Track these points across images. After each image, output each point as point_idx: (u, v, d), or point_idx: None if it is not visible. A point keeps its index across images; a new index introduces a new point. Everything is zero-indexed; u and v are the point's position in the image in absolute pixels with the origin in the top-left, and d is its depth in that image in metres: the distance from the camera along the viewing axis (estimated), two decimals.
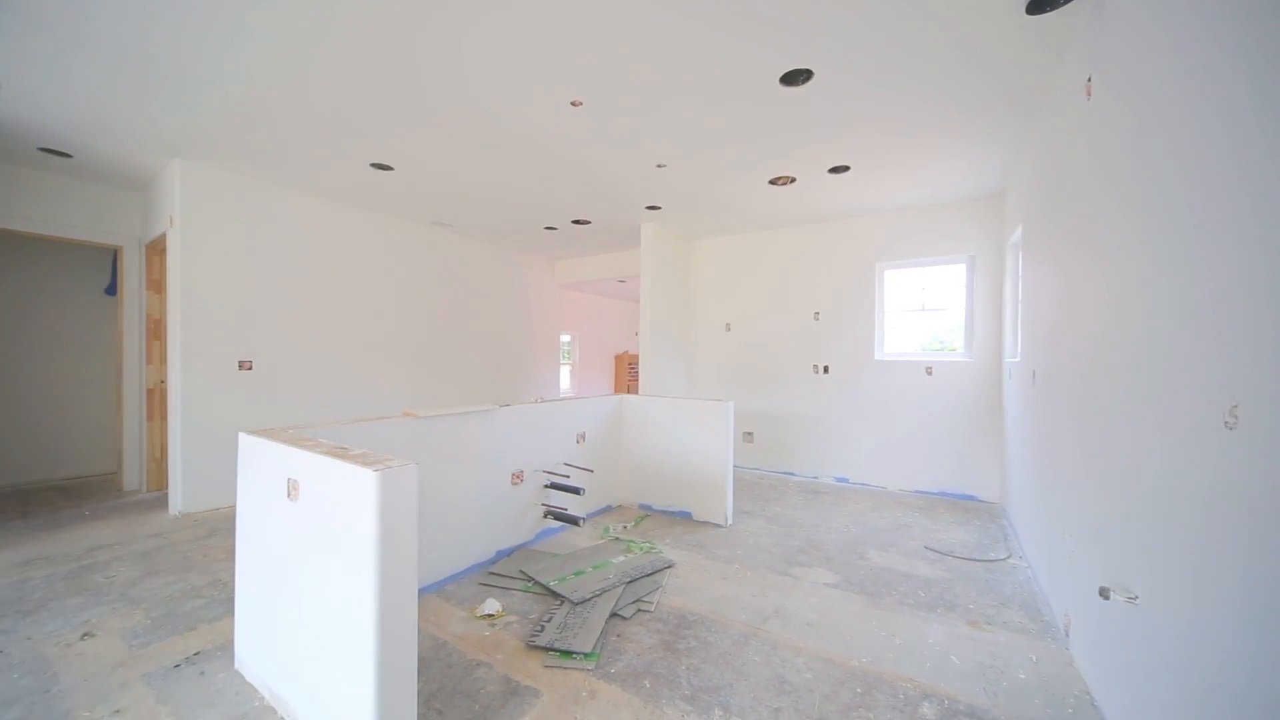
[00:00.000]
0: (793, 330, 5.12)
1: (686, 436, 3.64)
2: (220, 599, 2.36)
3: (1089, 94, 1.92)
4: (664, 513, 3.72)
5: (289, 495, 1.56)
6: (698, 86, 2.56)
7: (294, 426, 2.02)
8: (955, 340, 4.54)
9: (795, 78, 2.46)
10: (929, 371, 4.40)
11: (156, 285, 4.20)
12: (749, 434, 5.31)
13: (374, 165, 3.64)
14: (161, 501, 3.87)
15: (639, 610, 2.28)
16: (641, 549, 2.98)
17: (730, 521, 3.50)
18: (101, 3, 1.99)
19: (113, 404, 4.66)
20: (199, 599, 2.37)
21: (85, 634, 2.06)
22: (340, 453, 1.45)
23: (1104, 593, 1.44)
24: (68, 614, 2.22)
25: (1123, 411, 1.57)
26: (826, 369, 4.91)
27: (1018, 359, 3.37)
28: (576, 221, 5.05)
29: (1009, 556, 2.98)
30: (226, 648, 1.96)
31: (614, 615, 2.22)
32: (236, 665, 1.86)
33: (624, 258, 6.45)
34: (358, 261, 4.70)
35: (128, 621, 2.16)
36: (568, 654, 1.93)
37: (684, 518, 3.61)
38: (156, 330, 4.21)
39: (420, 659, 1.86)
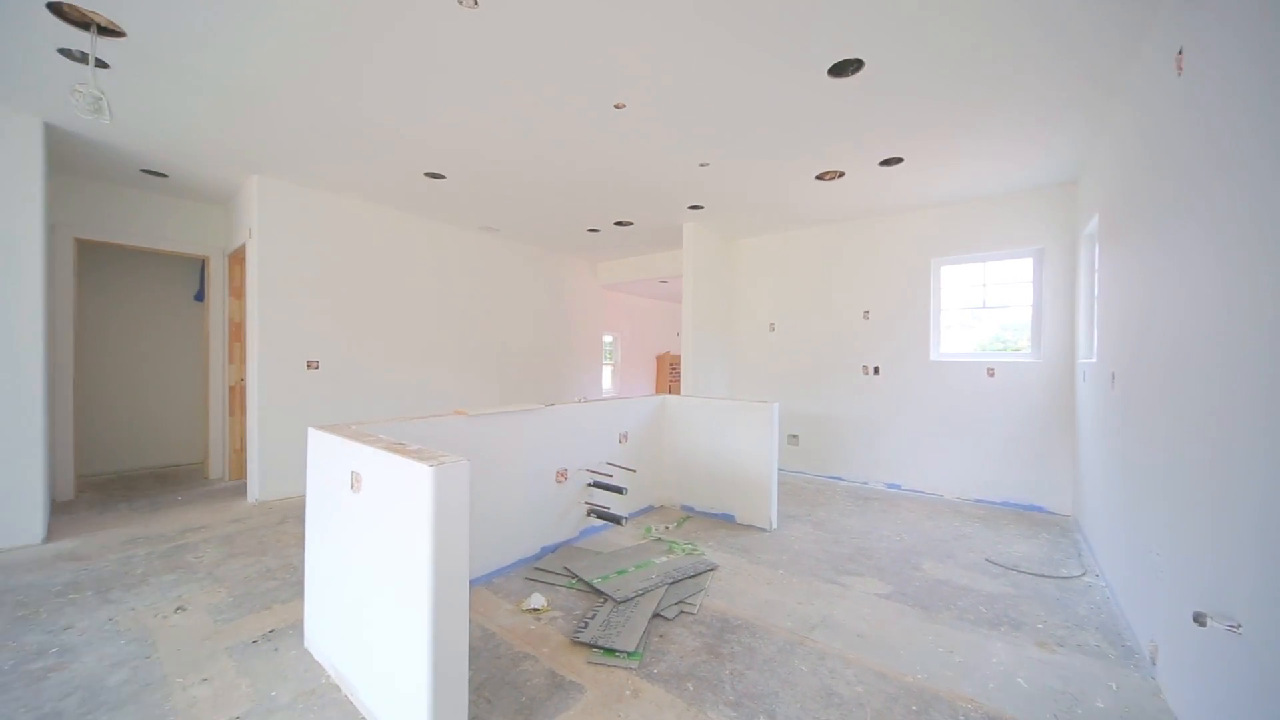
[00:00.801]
0: (840, 330, 4.94)
1: (730, 438, 3.59)
2: (291, 581, 2.54)
3: (1179, 68, 1.75)
4: (706, 515, 3.69)
5: (352, 487, 1.66)
6: (742, 83, 2.52)
7: (356, 423, 2.15)
8: (1020, 339, 4.24)
9: (844, 68, 2.38)
10: (990, 373, 4.14)
11: (237, 291, 4.58)
12: (794, 437, 5.18)
13: (428, 174, 3.82)
14: (241, 489, 4.22)
15: (681, 612, 2.28)
16: (684, 550, 2.97)
17: (775, 526, 3.43)
18: (199, 40, 2.20)
19: (200, 400, 5.13)
20: (273, 580, 2.56)
21: (178, 608, 2.28)
22: (398, 448, 1.53)
23: (1199, 619, 1.31)
24: (164, 589, 2.46)
25: (1218, 417, 1.42)
26: (877, 370, 4.71)
27: (1093, 359, 3.11)
28: (619, 223, 5.10)
29: (1083, 574, 2.75)
30: (297, 627, 2.11)
31: (656, 615, 2.22)
32: (305, 644, 2.00)
33: (666, 258, 6.45)
34: (412, 266, 4.94)
35: (213, 598, 2.37)
36: (611, 652, 1.95)
37: (727, 520, 3.57)
38: (237, 333, 4.59)
39: (470, 648, 1.93)
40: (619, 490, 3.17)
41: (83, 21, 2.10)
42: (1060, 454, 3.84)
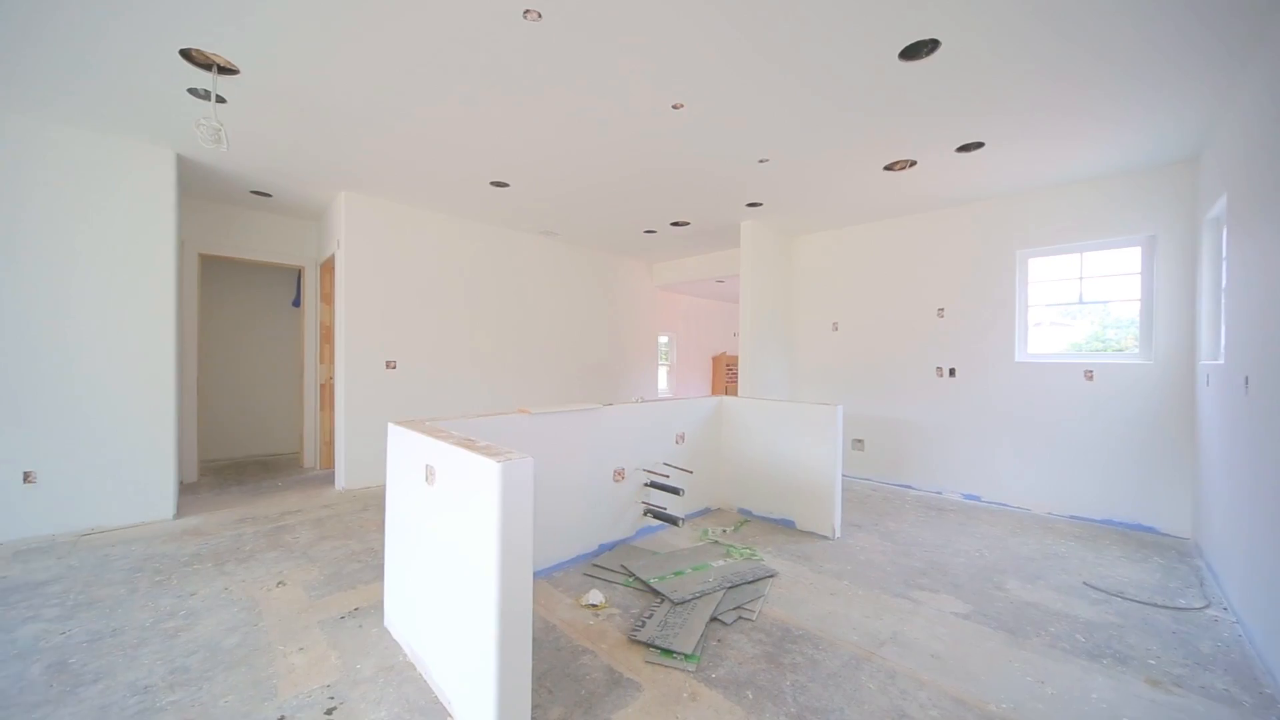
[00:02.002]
0: (911, 329, 4.65)
1: (790, 441, 3.48)
2: (372, 564, 2.75)
3: None
4: (765, 519, 3.59)
5: (427, 479, 1.78)
6: (804, 75, 2.44)
7: (429, 419, 2.30)
8: (1125, 338, 3.79)
9: (918, 50, 2.24)
10: (1089, 375, 3.73)
11: (327, 298, 5.04)
12: (859, 441, 4.93)
13: (493, 183, 4.01)
14: (330, 478, 4.63)
15: (740, 618, 2.23)
16: (742, 554, 2.92)
17: (838, 534, 3.28)
18: (299, 72, 2.44)
19: (296, 396, 5.69)
20: (357, 563, 2.79)
21: (279, 582, 2.54)
22: (468, 444, 1.61)
23: None
24: (267, 564, 2.74)
25: None
26: (952, 372, 4.38)
27: (1220, 361, 2.72)
28: (675, 223, 5.09)
29: (1207, 606, 2.41)
30: (378, 607, 2.29)
31: (714, 619, 2.20)
32: (385, 623, 2.15)
33: (722, 257, 6.37)
34: (476, 271, 5.20)
35: (308, 576, 2.62)
36: (669, 653, 1.95)
37: (786, 526, 3.46)
38: (327, 335, 5.04)
39: (532, 639, 2.00)
40: (676, 491, 3.17)
41: (206, 63, 2.39)
42: (1175, 467, 3.39)
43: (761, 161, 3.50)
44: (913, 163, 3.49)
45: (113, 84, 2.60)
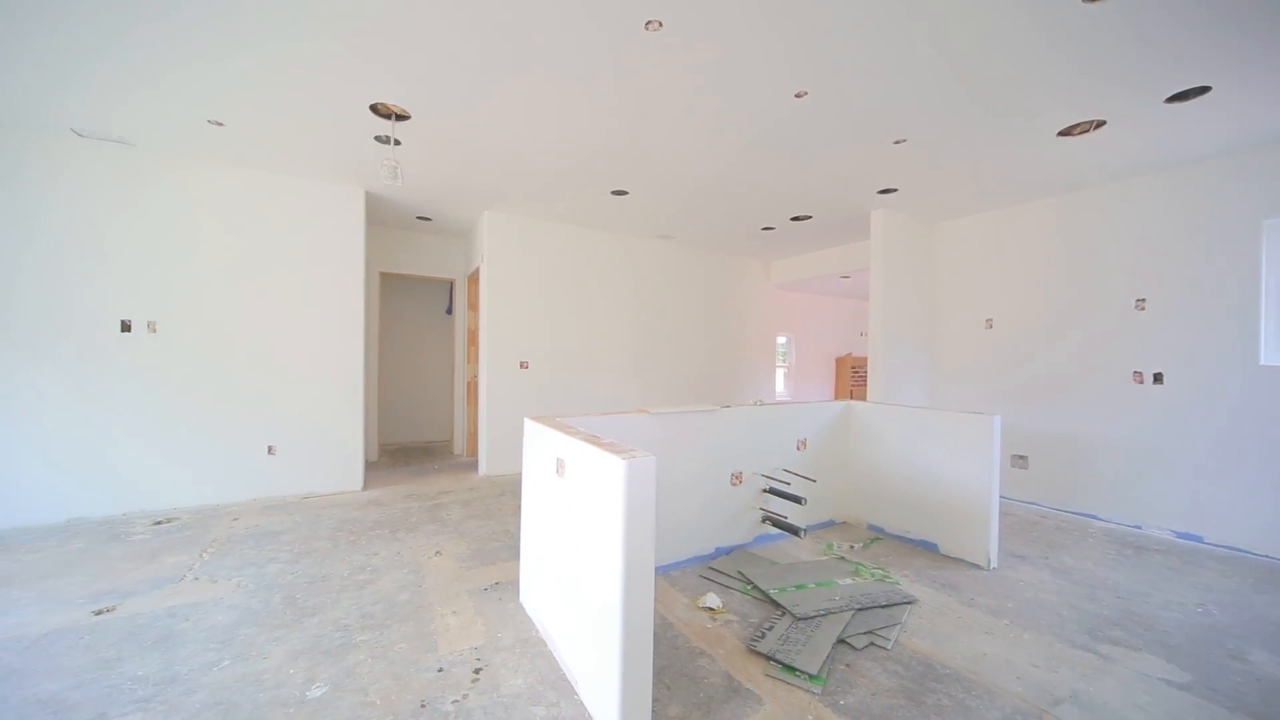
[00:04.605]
0: (1095, 325, 3.84)
1: (932, 454, 3.10)
2: (510, 545, 3.06)
3: None
4: (900, 539, 3.24)
5: (557, 472, 1.92)
6: (951, 37, 2.16)
7: (558, 415, 2.48)
8: None
9: None
10: None
11: (473, 306, 5.72)
12: (1021, 458, 4.21)
13: (614, 192, 4.21)
14: (474, 465, 5.25)
15: (871, 643, 2.05)
16: (873, 575, 2.67)
17: (994, 564, 2.84)
18: (457, 111, 2.82)
19: (448, 392, 6.56)
20: (496, 542, 3.12)
21: (437, 552, 2.94)
22: (595, 440, 1.71)
23: None
24: (428, 535, 3.20)
25: None
26: (1158, 378, 3.52)
27: None
28: (796, 218, 4.85)
29: None
30: (514, 584, 2.53)
31: (841, 641, 2.04)
32: (520, 599, 2.38)
33: (848, 251, 5.90)
34: (597, 277, 5.50)
35: (459, 549, 3.00)
36: (791, 669, 1.86)
37: (926, 549, 3.09)
38: (473, 339, 5.73)
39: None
40: (797, 500, 3.01)
41: (387, 113, 2.87)
42: None
43: (897, 143, 3.17)
44: (1100, 123, 2.88)
45: (326, 141, 3.26)
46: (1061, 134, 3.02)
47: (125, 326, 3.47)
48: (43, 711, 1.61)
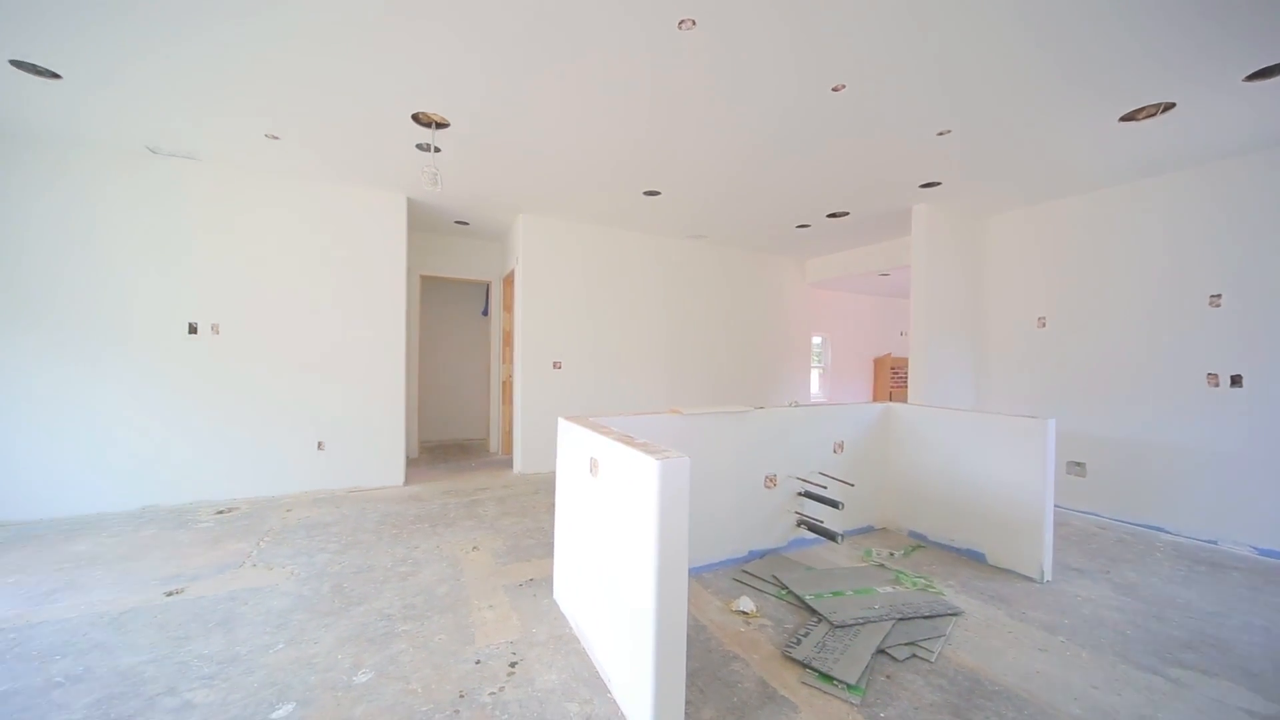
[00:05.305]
0: (1163, 324, 3.57)
1: (979, 459, 2.96)
2: (543, 542, 3.11)
3: None
4: (944, 547, 3.11)
5: (591, 471, 1.94)
6: (1007, 20, 2.06)
7: (591, 415, 2.51)
8: None
9: None
10: None
11: (508, 307, 5.85)
12: (1078, 465, 3.96)
13: (646, 193, 4.21)
14: (509, 462, 5.36)
15: (914, 655, 1.97)
16: (914, 584, 2.57)
17: (1048, 577, 2.68)
18: (494, 118, 2.90)
19: (484, 391, 6.72)
20: (531, 539, 3.17)
21: (474, 547, 3.02)
22: (628, 440, 1.72)
23: None
24: (465, 531, 3.29)
25: None
26: (1236, 380, 3.24)
27: None
28: (832, 215, 4.73)
29: None
30: (548, 580, 2.57)
31: (881, 652, 1.97)
32: (554, 595, 2.41)
33: (887, 248, 5.71)
34: (629, 277, 5.51)
35: (495, 544, 3.07)
36: (828, 678, 1.81)
37: (973, 559, 2.95)
38: (508, 339, 5.85)
39: None
40: (834, 504, 2.93)
41: (428, 121, 2.98)
42: None
43: (941, 134, 3.05)
44: (1168, 105, 2.68)
45: (370, 150, 3.41)
46: (1124, 119, 2.82)
47: (192, 329, 3.73)
48: (123, 682, 1.75)
